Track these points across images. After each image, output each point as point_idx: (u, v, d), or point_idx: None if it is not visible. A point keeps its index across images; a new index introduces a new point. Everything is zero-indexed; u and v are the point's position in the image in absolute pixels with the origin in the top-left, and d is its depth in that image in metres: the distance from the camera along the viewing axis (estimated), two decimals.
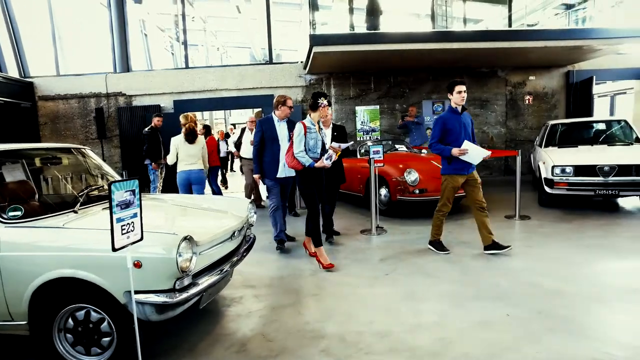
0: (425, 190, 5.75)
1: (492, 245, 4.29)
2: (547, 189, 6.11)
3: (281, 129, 4.70)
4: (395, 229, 5.56)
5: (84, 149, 3.56)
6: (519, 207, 5.84)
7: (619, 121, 7.34)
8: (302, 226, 4.53)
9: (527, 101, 10.62)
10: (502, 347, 2.50)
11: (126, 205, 2.03)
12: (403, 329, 2.79)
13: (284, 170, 4.60)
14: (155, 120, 7.40)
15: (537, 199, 6.73)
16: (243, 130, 8.12)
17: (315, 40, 7.84)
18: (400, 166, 5.96)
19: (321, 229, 4.47)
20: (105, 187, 2.93)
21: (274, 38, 10.84)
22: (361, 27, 9.60)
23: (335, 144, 4.31)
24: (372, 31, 8.86)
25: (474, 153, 4.14)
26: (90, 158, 3.51)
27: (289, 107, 4.68)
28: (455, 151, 4.12)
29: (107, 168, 3.58)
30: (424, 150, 7.80)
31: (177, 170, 5.55)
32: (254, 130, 4.94)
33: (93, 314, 2.29)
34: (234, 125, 19.50)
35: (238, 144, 8.00)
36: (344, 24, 9.82)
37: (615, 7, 11.66)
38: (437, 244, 4.52)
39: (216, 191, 7.64)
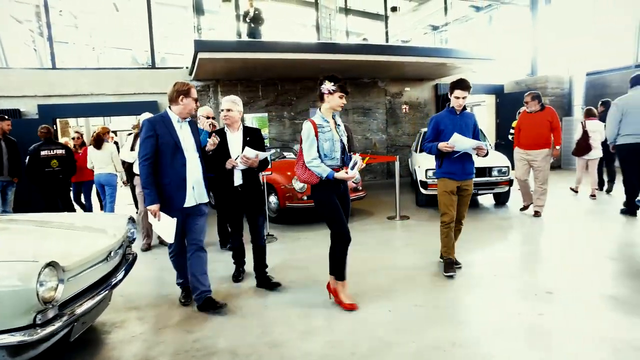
0: None
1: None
2: (422, 190, 6.79)
3: (184, 132, 3.23)
4: (286, 236, 5.65)
5: None
6: (399, 208, 6.39)
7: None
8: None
9: (404, 110, 11.68)
10: (387, 342, 2.70)
11: None
12: (294, 336, 2.85)
13: (194, 195, 3.23)
14: (5, 125, 6.16)
15: (415, 200, 7.43)
16: (137, 136, 7.44)
17: (200, 46, 7.63)
18: (288, 173, 6.07)
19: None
20: None
21: (158, 41, 10.27)
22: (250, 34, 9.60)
23: (250, 152, 3.50)
24: (259, 40, 8.92)
25: (462, 142, 3.69)
26: None
27: (194, 100, 3.22)
28: (441, 145, 3.70)
29: None
30: None
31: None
32: (141, 134, 3.20)
33: None
34: (115, 132, 17.85)
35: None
36: (232, 30, 9.71)
37: (466, 34, 13.47)
38: (444, 263, 3.90)
39: (87, 208, 7.01)
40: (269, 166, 3.75)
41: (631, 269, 3.86)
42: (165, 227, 3.10)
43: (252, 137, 3.74)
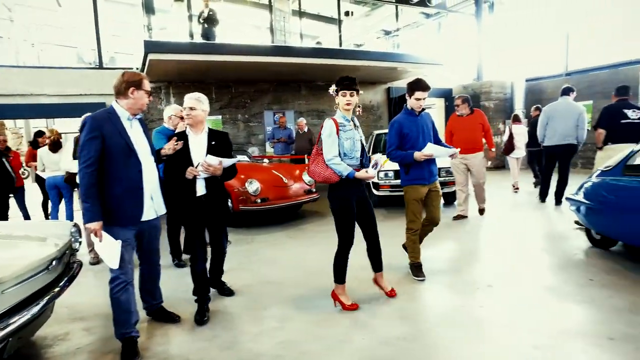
0: (267, 199, 5.96)
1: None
2: (374, 191, 6.98)
3: (135, 132, 2.76)
4: (240, 239, 5.62)
5: None
6: None
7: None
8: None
9: (357, 113, 11.88)
10: (338, 339, 2.78)
11: None
12: (247, 338, 2.86)
13: (153, 206, 2.83)
14: None
15: None
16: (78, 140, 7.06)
17: (151, 46, 7.43)
18: (242, 177, 6.04)
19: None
20: None
21: (106, 39, 9.87)
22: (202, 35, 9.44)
23: (212, 159, 3.02)
24: (213, 42, 8.80)
25: (438, 153, 3.69)
26: None
27: (147, 93, 2.78)
28: (418, 155, 3.59)
29: None
30: (265, 160, 8.08)
31: (45, 177, 6.24)
32: (82, 135, 2.63)
33: None
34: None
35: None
36: (184, 31, 9.51)
37: (416, 39, 13.95)
38: (413, 268, 3.92)
39: (24, 216, 6.66)
40: (235, 174, 3.39)
41: (561, 261, 4.19)
42: (108, 249, 2.59)
43: (218, 142, 3.24)
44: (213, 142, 3.21)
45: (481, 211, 6.35)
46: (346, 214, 3.13)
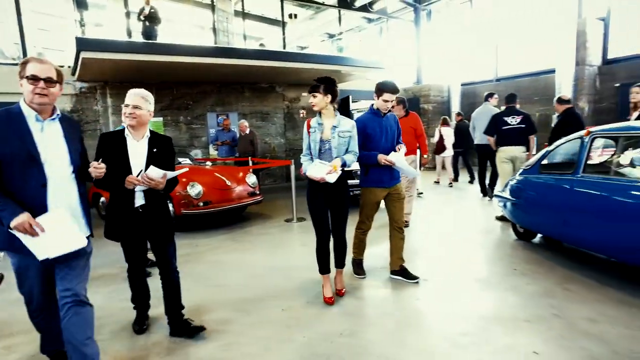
0: (209, 203, 5.88)
1: (400, 272, 3.88)
2: None
3: (48, 137, 2.15)
4: (182, 244, 5.48)
5: None
6: (296, 211, 6.60)
7: None
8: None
9: (301, 114, 12.03)
10: (279, 339, 2.82)
11: None
12: (188, 343, 2.82)
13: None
14: None
15: None
16: None
17: (84, 44, 7.06)
18: (184, 180, 5.91)
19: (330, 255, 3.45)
20: None
21: (32, 33, 9.22)
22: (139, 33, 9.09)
23: (154, 172, 2.57)
24: (153, 41, 8.51)
25: (401, 166, 3.59)
26: None
27: (33, 81, 2.07)
28: (381, 158, 3.51)
29: None
30: (208, 163, 7.95)
31: None
32: None
33: None
34: None
35: None
36: (122, 28, 9.11)
37: (360, 43, 14.33)
38: (355, 264, 4.01)
39: None
40: (177, 185, 2.96)
41: (489, 253, 4.53)
42: (59, 233, 2.07)
43: (160, 149, 2.80)
44: (155, 150, 2.78)
45: (405, 223, 5.86)
46: (313, 208, 3.33)
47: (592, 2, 10.47)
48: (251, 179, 6.70)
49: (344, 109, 12.05)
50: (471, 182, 9.77)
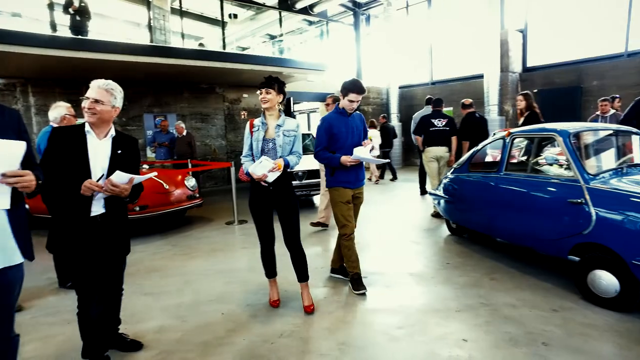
0: (146, 207, 5.63)
1: (340, 270, 3.95)
2: None
3: None
4: None
5: None
6: (237, 213, 6.51)
7: (309, 134, 9.20)
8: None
9: (242, 116, 11.89)
10: (219, 343, 2.78)
11: None
12: (124, 353, 2.70)
13: None
14: None
15: None
16: None
17: None
18: None
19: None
20: None
21: None
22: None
23: (120, 177, 2.23)
24: (83, 37, 7.99)
25: (365, 157, 3.49)
26: None
27: None
28: (345, 159, 3.40)
29: None
30: (145, 166, 7.62)
31: None
32: None
33: None
34: None
35: None
36: (45, 20, 8.46)
37: (301, 45, 14.43)
38: (353, 281, 3.60)
39: None
40: (142, 192, 2.63)
41: (425, 248, 4.75)
42: None
43: (125, 151, 2.46)
44: (119, 151, 2.40)
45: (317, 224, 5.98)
46: (255, 211, 3.21)
47: (512, 14, 11.39)
48: (190, 182, 6.51)
49: (286, 109, 12.09)
50: (393, 179, 10.66)
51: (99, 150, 2.33)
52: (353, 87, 3.45)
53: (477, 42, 11.50)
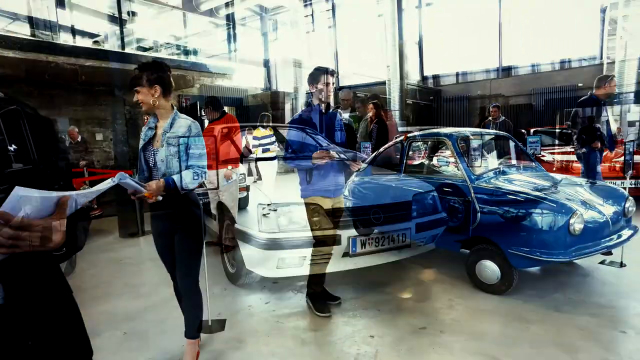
0: None
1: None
2: None
3: None
4: None
5: None
6: (141, 223, 6.13)
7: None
8: None
9: (145, 120, 11.21)
10: None
11: None
12: None
13: None
14: None
15: None
16: None
17: None
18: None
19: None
20: None
21: None
22: None
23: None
24: None
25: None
26: None
27: None
28: (317, 155, 2.86)
29: None
30: None
31: None
32: None
33: None
34: None
35: None
36: None
37: (208, 48, 14.11)
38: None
39: None
40: None
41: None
42: None
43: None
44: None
45: None
46: (154, 238, 2.49)
47: (409, 27, 12.35)
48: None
49: (193, 114, 11.65)
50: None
51: None
52: (320, 68, 3.10)
53: (381, 49, 12.23)
